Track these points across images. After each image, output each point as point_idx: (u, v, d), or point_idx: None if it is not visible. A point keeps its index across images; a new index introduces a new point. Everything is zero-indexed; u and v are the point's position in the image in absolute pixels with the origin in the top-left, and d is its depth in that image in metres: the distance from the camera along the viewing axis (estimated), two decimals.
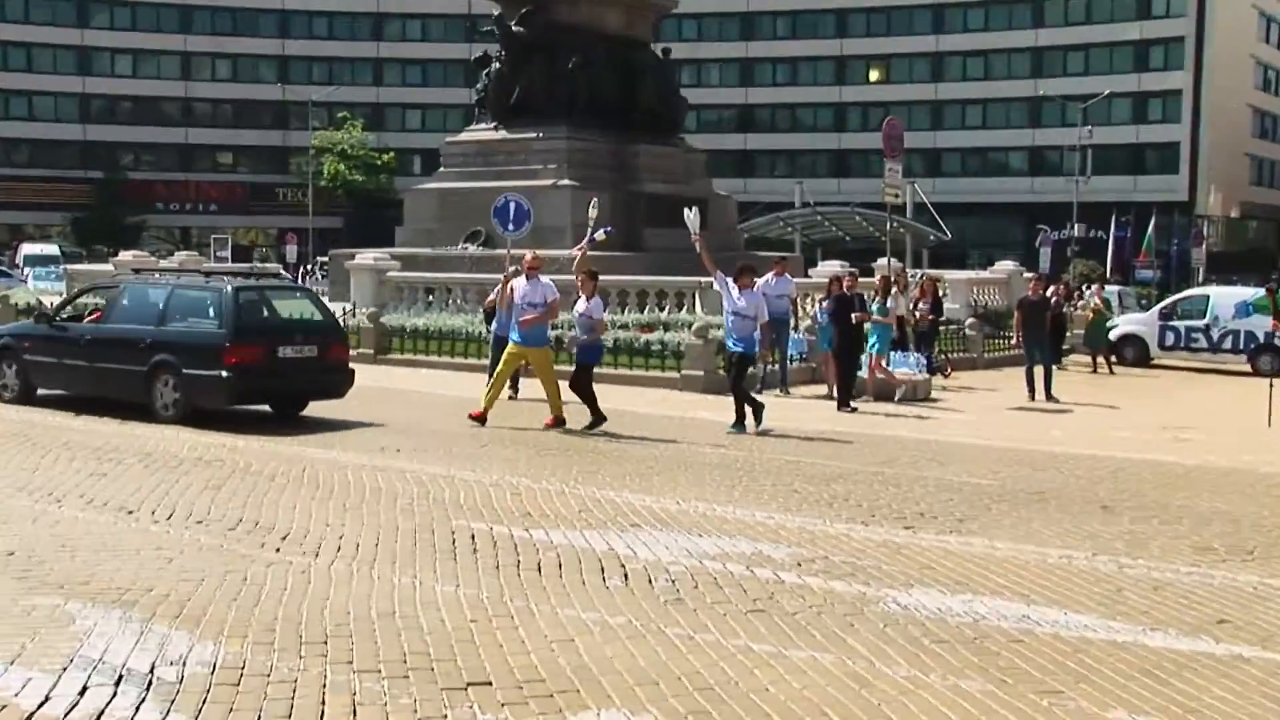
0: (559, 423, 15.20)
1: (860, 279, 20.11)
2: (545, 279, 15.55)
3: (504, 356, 15.47)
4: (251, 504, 10.35)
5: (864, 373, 19.28)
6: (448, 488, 11.26)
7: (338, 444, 13.70)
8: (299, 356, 15.44)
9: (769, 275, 19.95)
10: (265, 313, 15.78)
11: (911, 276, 25.11)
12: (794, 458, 13.58)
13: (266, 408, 15.89)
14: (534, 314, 15.16)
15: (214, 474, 11.68)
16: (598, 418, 15.05)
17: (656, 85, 37.87)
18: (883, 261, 33.27)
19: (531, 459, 13.06)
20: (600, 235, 16.36)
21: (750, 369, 15.82)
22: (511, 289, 15.59)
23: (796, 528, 9.97)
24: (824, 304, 19.81)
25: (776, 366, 19.96)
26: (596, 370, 20.98)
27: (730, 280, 15.57)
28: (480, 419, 15.18)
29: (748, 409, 15.34)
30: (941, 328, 25.12)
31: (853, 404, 18.02)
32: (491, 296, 18.95)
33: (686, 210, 15.97)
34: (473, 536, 9.36)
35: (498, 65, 37.13)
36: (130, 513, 9.92)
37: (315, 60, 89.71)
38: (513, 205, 17.35)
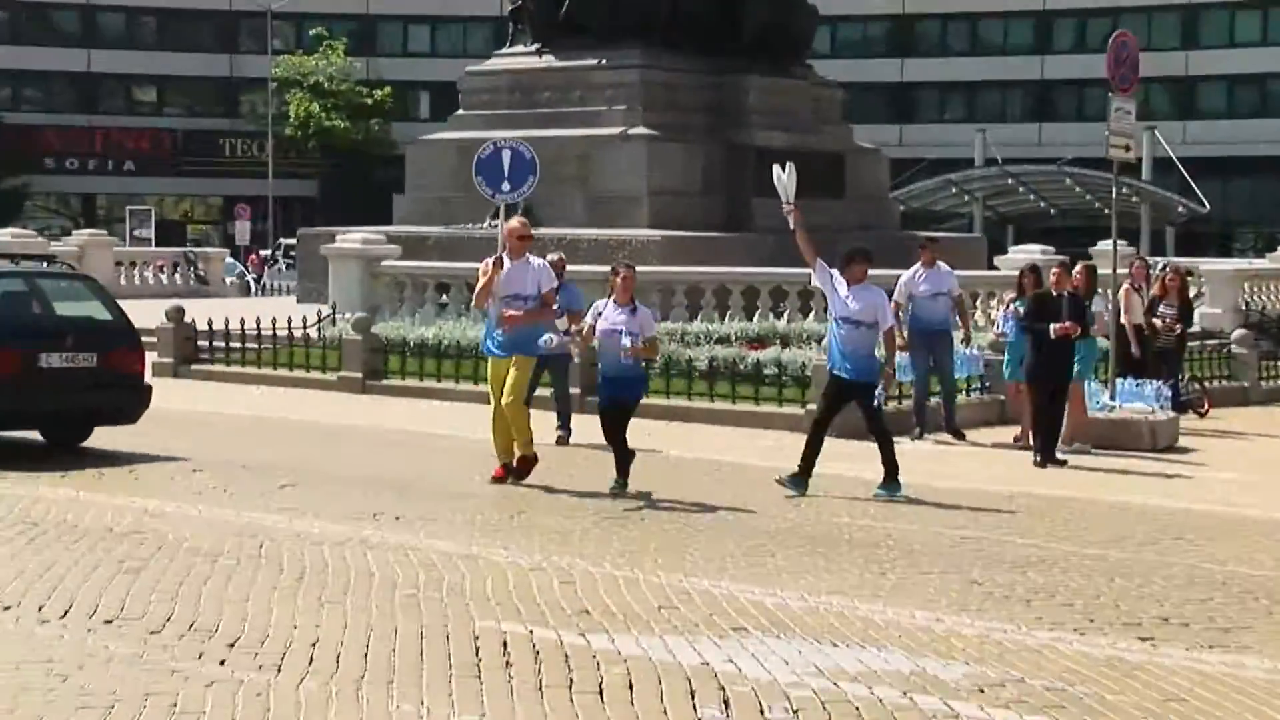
0: (525, 467, 15.23)
1: (1071, 271, 19.71)
2: (538, 260, 15.59)
3: (490, 379, 15.54)
4: (185, 595, 10.49)
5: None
6: (469, 572, 11.35)
7: (309, 509, 13.87)
8: (70, 367, 15.75)
9: (916, 266, 19.93)
10: (29, 308, 16.16)
11: (1151, 268, 24.91)
12: (972, 533, 13.51)
13: (34, 435, 16.22)
14: (519, 309, 15.22)
15: (131, 551, 11.86)
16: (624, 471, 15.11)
17: None
18: (1105, 245, 32.96)
19: (588, 531, 13.13)
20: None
21: (876, 403, 15.64)
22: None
23: (976, 636, 9.92)
24: (1011, 308, 19.67)
25: (936, 400, 19.86)
26: (673, 403, 21.05)
27: (836, 273, 15.50)
28: (504, 477, 15.31)
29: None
30: (1194, 343, 24.84)
31: (1061, 454, 17.90)
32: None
33: (777, 169, 15.86)
34: (505, 644, 9.41)
35: None
36: (7, 608, 10.07)
37: None
38: (507, 155, 17.35)
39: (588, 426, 17.54)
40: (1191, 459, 18.82)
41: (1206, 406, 22.95)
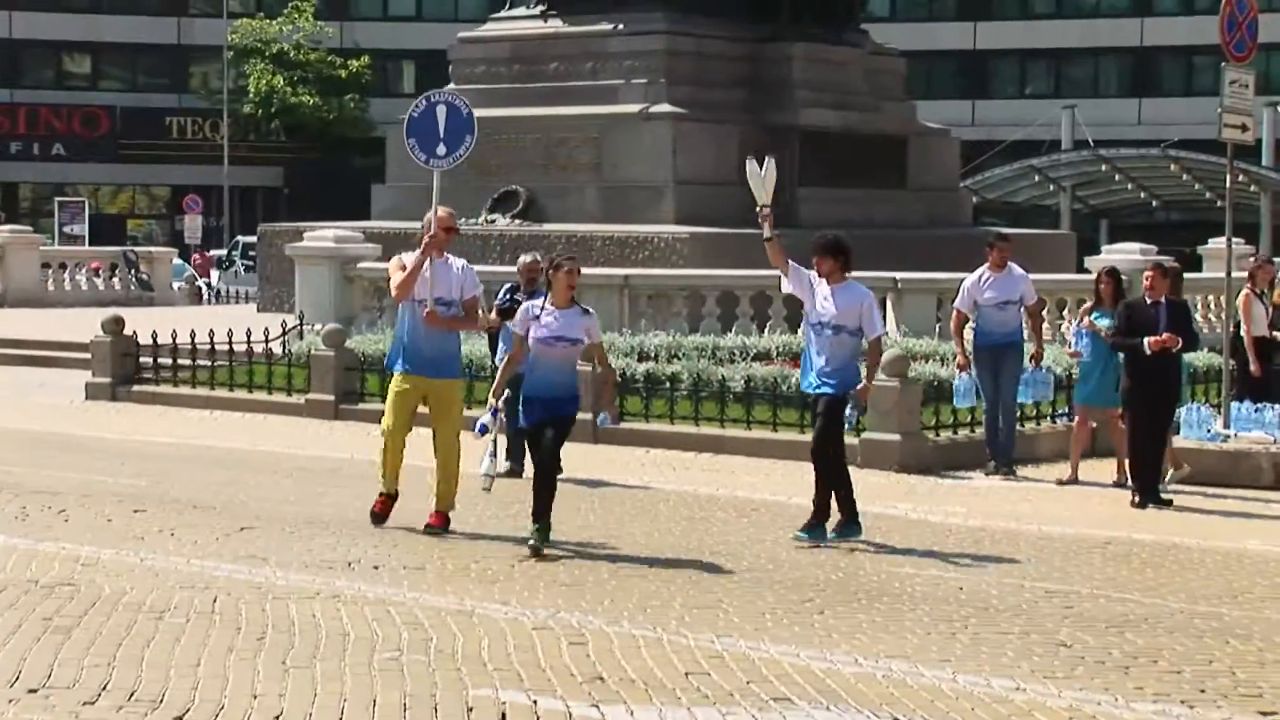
0: (445, 523, 15.26)
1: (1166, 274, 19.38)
2: (459, 261, 15.55)
3: (395, 400, 15.49)
4: (124, 659, 10.52)
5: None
6: (461, 631, 11.37)
7: (271, 556, 13.90)
8: None
9: (982, 269, 19.73)
10: None
11: (1277, 270, 24.80)
12: (1059, 586, 13.50)
13: None
14: (442, 317, 15.24)
15: (60, 607, 11.89)
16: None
17: None
18: (1218, 243, 32.95)
19: (603, 583, 13.15)
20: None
21: (847, 424, 15.59)
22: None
23: (1065, 708, 9.92)
24: (1086, 320, 19.45)
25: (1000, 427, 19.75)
26: (703, 431, 21.11)
27: (812, 273, 15.45)
28: (436, 523, 15.20)
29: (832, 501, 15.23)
30: None
31: (1164, 492, 17.86)
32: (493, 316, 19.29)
33: (752, 163, 15.81)
34: (504, 716, 9.43)
35: None
36: None
37: None
38: (442, 111, 17.10)
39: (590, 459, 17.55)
40: None
41: None
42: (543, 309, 14.64)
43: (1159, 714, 9.86)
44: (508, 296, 19.03)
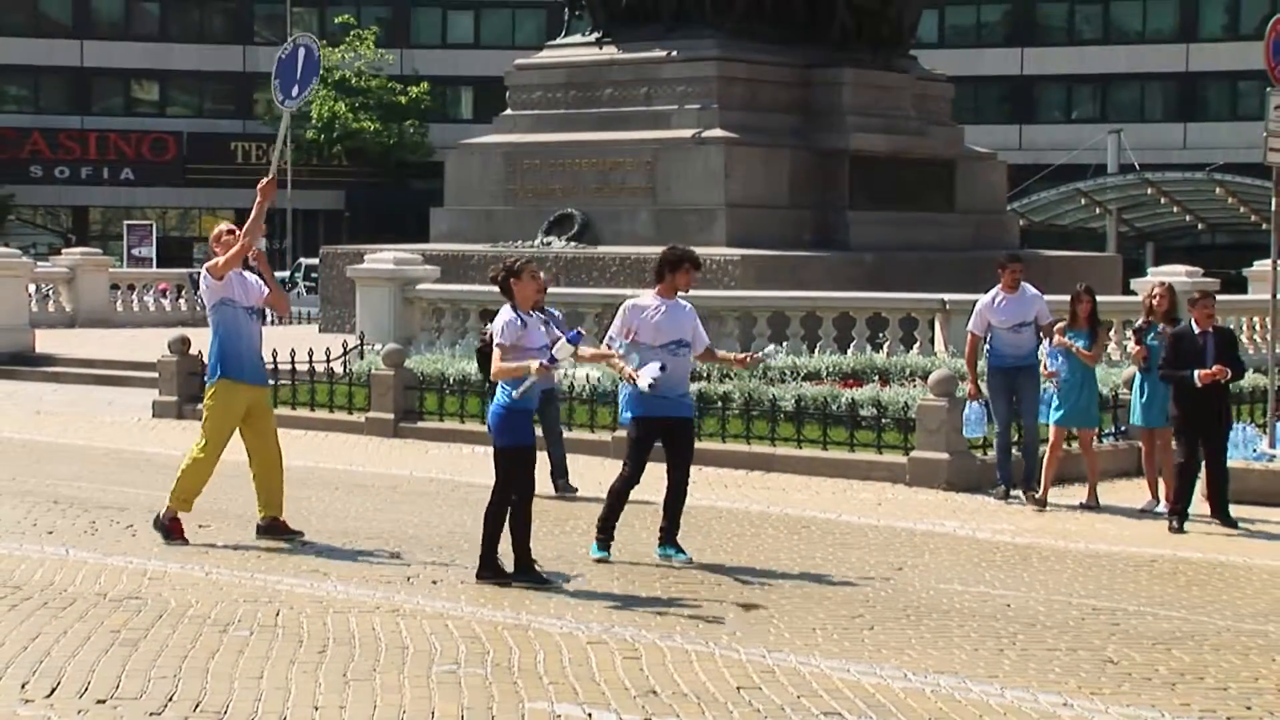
0: (276, 527, 15.29)
1: (1213, 296, 18.85)
2: (250, 276, 15.37)
3: (218, 409, 15.28)
4: (189, 671, 10.57)
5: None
6: (518, 645, 11.38)
7: (332, 571, 13.93)
8: None
9: (994, 290, 19.19)
10: None
11: None
12: (1106, 603, 13.44)
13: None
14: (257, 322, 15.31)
15: (128, 620, 11.96)
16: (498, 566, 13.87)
17: None
18: (1263, 265, 32.82)
19: (656, 599, 13.14)
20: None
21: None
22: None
23: None
24: (1061, 338, 18.55)
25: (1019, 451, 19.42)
26: (754, 449, 21.06)
27: (644, 293, 14.91)
28: (174, 529, 15.15)
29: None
30: None
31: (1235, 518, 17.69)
32: (488, 329, 19.16)
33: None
34: None
35: None
36: None
37: None
38: (302, 54, 16.93)
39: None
40: None
41: None
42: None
43: None
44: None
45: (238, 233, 15.30)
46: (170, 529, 15.09)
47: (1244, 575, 14.95)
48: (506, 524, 13.54)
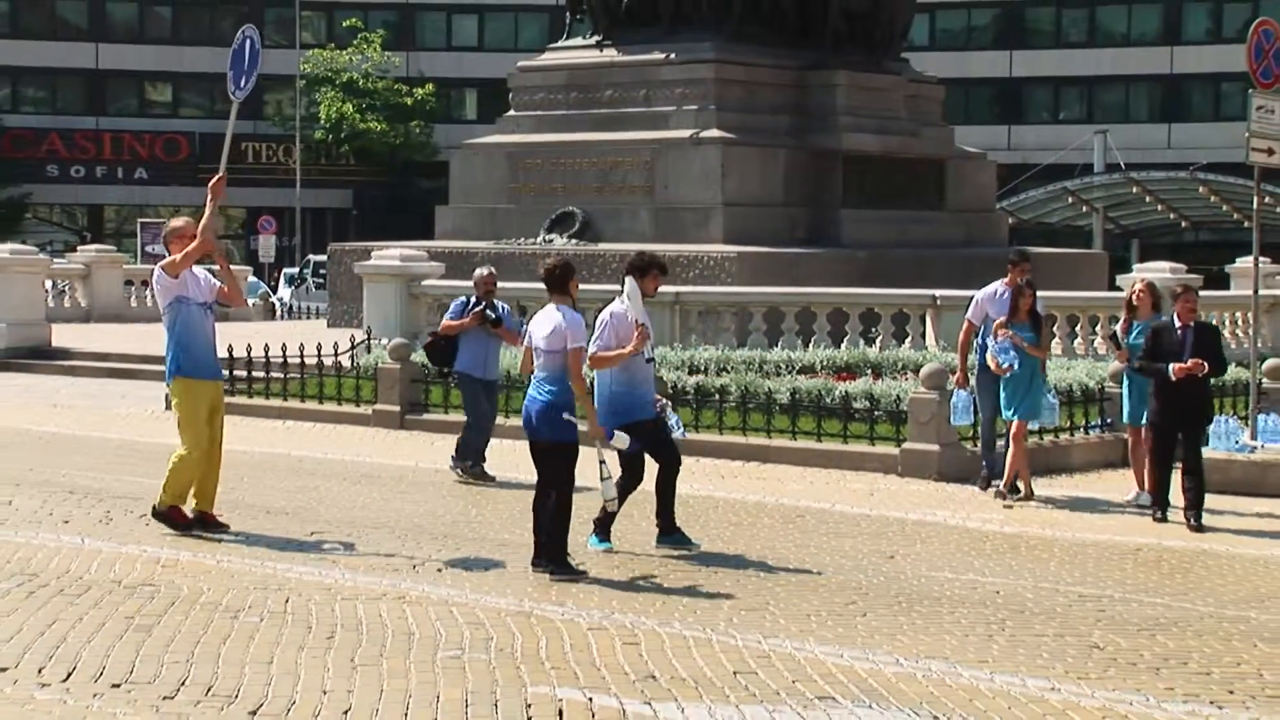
0: (205, 520, 15.08)
1: (1196, 291, 18.42)
2: (201, 271, 15.35)
3: (184, 406, 15.19)
4: (201, 656, 10.58)
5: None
6: (520, 631, 11.38)
7: (340, 559, 13.94)
8: None
9: (997, 284, 18.77)
10: None
11: None
12: (1092, 590, 13.45)
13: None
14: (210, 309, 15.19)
15: (141, 607, 11.97)
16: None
17: None
18: (1245, 262, 32.82)
19: (654, 586, 13.15)
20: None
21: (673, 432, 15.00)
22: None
23: (1098, 708, 9.88)
24: (1008, 332, 18.05)
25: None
26: (751, 441, 21.08)
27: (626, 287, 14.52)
28: (177, 516, 15.01)
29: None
30: None
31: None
32: (449, 320, 19.70)
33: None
34: (560, 713, 9.43)
35: None
36: (4, 670, 10.20)
37: None
38: (248, 45, 16.99)
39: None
40: None
41: None
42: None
43: (1189, 714, 9.80)
44: (474, 303, 19.37)
45: (194, 229, 15.19)
46: (171, 515, 14.99)
47: (1226, 564, 14.95)
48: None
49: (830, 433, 21.01)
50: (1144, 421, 17.79)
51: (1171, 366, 16.74)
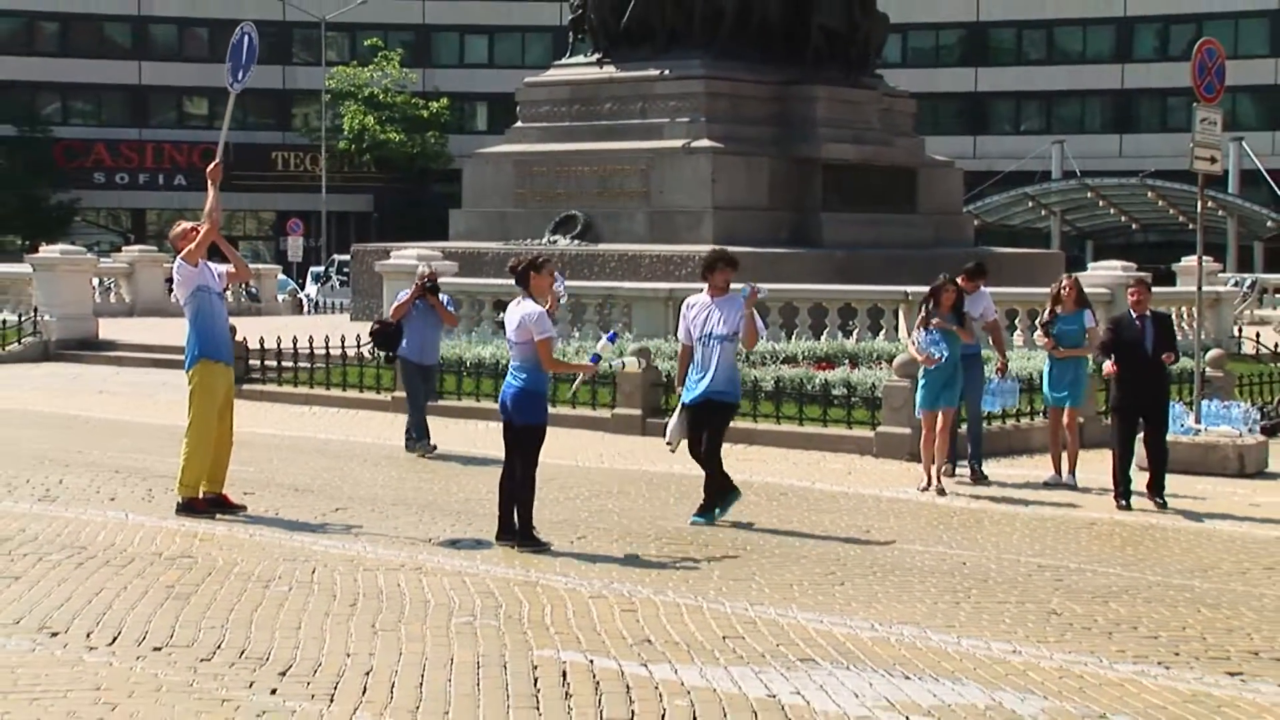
0: (219, 501, 14.78)
1: (1148, 284, 18.20)
2: (211, 263, 15.18)
3: (202, 389, 14.76)
4: (235, 622, 10.58)
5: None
6: (527, 599, 11.38)
7: (362, 533, 13.94)
8: None
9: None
10: None
11: (1236, 284, 24.69)
12: (1050, 561, 13.45)
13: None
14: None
15: (180, 577, 11.97)
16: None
17: None
18: (1189, 261, 32.83)
19: (652, 559, 13.15)
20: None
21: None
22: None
23: (1055, 669, 9.87)
24: (937, 321, 17.35)
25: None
26: (738, 425, 21.02)
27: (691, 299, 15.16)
28: (198, 505, 14.63)
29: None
30: None
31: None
32: (401, 299, 20.03)
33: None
34: (564, 674, 9.43)
35: None
36: (55, 635, 10.21)
37: None
38: (247, 41, 16.76)
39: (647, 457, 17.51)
40: None
41: None
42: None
43: (1139, 674, 9.80)
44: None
45: (199, 226, 15.09)
46: (192, 505, 14.60)
47: (1173, 536, 14.95)
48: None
49: (811, 417, 21.02)
50: (1061, 404, 17.86)
51: (1105, 365, 16.57)
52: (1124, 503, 16.38)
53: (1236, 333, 33.92)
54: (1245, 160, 70.63)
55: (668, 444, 15.30)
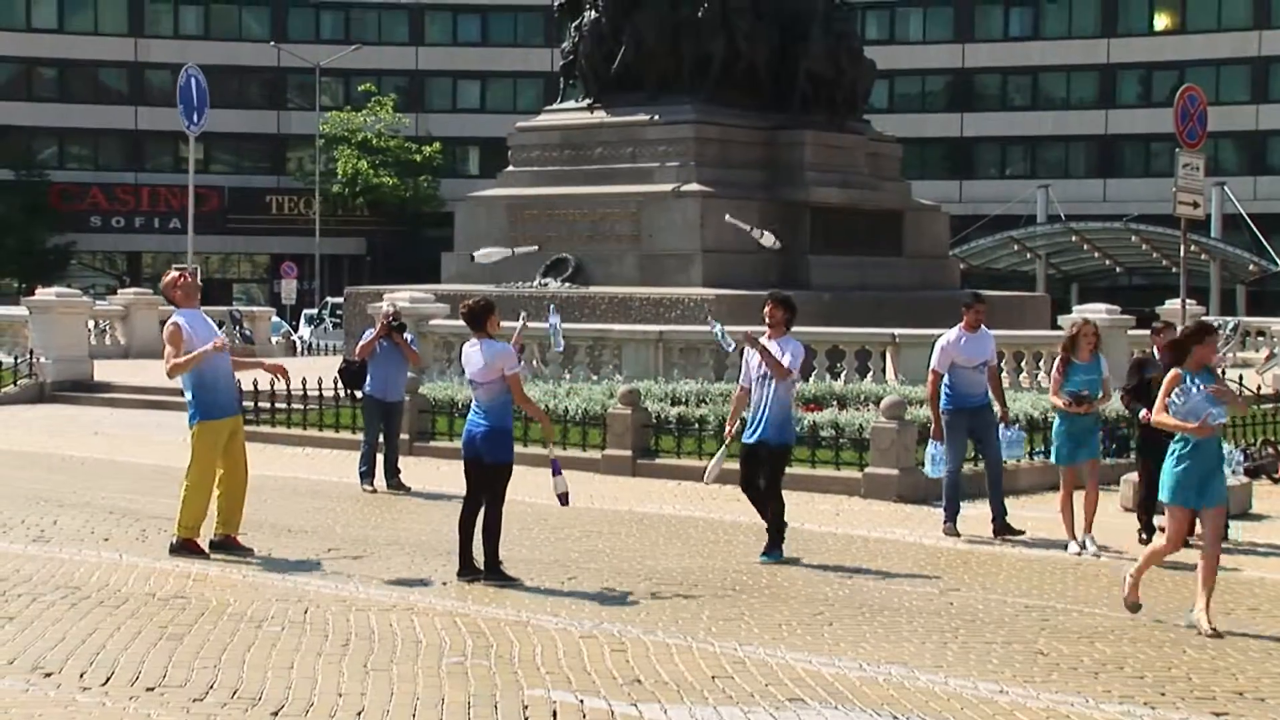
0: (229, 543, 14.71)
1: (1174, 326, 17.57)
2: (204, 318, 15.30)
3: (202, 448, 14.79)
4: (228, 662, 10.54)
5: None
6: (518, 639, 11.35)
7: (354, 574, 13.91)
8: None
9: (956, 329, 16.99)
10: None
11: (1221, 326, 24.74)
12: (1037, 601, 13.43)
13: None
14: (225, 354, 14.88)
15: (174, 617, 11.93)
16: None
17: (828, 43, 38.16)
18: (1173, 304, 32.88)
19: (643, 600, 13.12)
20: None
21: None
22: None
23: (1043, 709, 9.85)
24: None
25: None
26: (726, 465, 21.05)
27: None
28: (192, 546, 14.57)
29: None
30: (1268, 405, 24.65)
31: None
32: (367, 338, 20.29)
33: (740, 224, 15.82)
34: (554, 713, 9.40)
35: (593, 14, 37.77)
36: (48, 675, 10.17)
37: (325, 6, 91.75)
38: (194, 83, 16.79)
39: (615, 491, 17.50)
40: (1265, 526, 18.64)
41: None
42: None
43: (1125, 714, 9.79)
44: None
45: (186, 277, 15.16)
46: (188, 546, 14.56)
47: (1159, 576, 14.91)
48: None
49: (799, 458, 20.95)
50: (1077, 459, 16.40)
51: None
52: (1145, 538, 16.30)
53: (1220, 375, 33.88)
54: (1227, 205, 70.86)
55: (705, 482, 16.46)
